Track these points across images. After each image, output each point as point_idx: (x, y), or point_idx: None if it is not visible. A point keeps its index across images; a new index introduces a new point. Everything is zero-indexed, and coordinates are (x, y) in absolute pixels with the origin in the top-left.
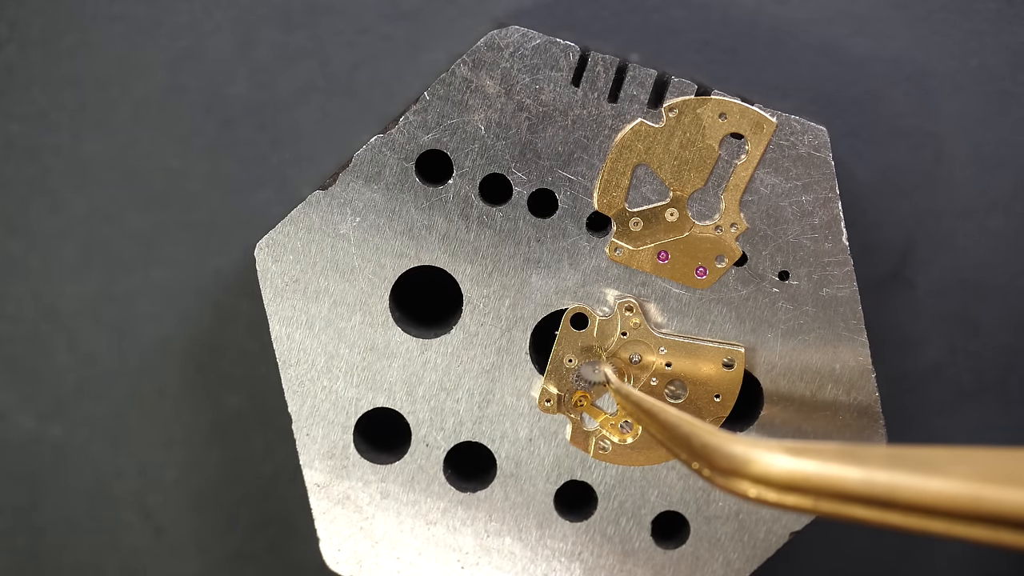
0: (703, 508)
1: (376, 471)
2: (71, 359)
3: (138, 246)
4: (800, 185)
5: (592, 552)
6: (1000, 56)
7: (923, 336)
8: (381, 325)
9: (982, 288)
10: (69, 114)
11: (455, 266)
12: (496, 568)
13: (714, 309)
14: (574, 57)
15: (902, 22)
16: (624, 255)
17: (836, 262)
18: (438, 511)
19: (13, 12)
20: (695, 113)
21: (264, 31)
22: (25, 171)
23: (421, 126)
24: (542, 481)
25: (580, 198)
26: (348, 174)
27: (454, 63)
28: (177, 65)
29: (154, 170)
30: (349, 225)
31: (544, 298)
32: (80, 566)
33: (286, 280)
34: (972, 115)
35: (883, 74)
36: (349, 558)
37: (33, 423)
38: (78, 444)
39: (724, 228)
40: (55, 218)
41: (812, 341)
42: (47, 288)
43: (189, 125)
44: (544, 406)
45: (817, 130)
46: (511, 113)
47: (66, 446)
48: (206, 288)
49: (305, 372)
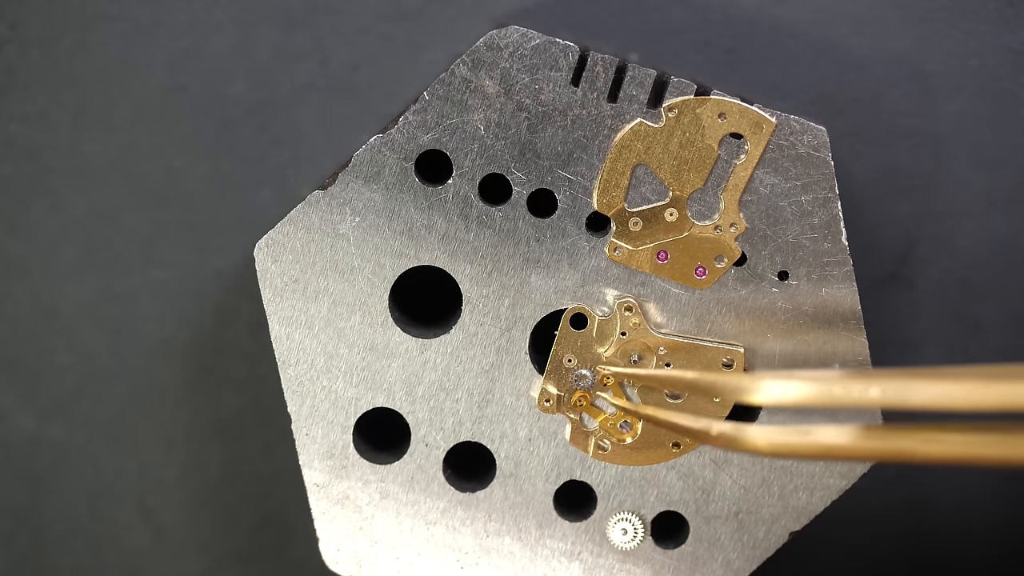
0: (703, 508)
1: (375, 471)
2: (71, 359)
3: (138, 246)
4: (800, 185)
5: (592, 552)
6: (1000, 56)
7: (923, 336)
8: (381, 325)
9: (982, 288)
10: (69, 114)
11: (455, 266)
12: (496, 568)
13: (713, 309)
14: (573, 57)
15: (902, 22)
16: (623, 255)
17: (836, 262)
18: (438, 511)
19: (13, 12)
20: (694, 113)
21: (264, 31)
22: (25, 171)
23: (421, 126)
24: (541, 481)
25: (579, 198)
26: (348, 174)
27: (454, 63)
28: (177, 65)
29: (154, 170)
30: (348, 225)
31: (544, 298)
32: (80, 566)
33: (286, 280)
34: (972, 115)
35: (883, 74)
36: (348, 558)
37: (33, 423)
38: (78, 444)
39: (723, 228)
40: (55, 218)
41: (812, 341)
42: (47, 288)
43: (189, 125)
44: (543, 406)
45: (817, 130)
46: (510, 113)
47: (66, 446)
48: (206, 288)
49: (305, 372)
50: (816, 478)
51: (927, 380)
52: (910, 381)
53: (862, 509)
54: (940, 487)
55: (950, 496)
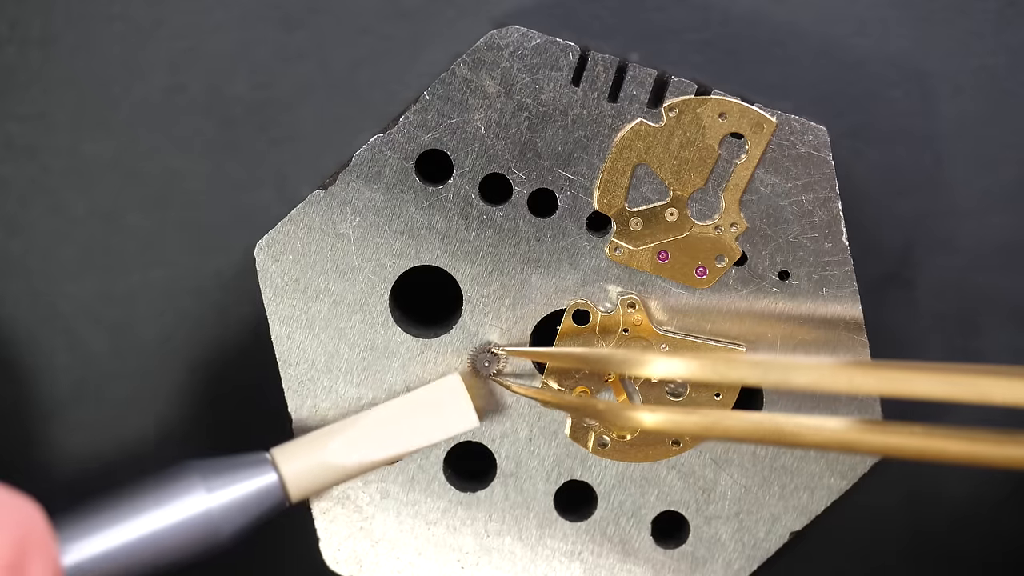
0: (703, 508)
1: (376, 471)
2: (71, 359)
3: (138, 246)
4: (800, 185)
5: (592, 552)
6: (1000, 56)
7: (923, 336)
8: (381, 325)
9: (982, 288)
10: (69, 114)
11: (455, 266)
12: (496, 568)
13: (714, 308)
14: (574, 57)
15: (902, 22)
16: (624, 255)
17: (836, 262)
18: (438, 511)
19: (13, 12)
20: (695, 113)
21: (264, 31)
22: (25, 171)
23: (421, 126)
24: (542, 481)
25: (580, 198)
26: (348, 174)
27: (454, 63)
28: (177, 65)
29: (154, 170)
30: (349, 225)
31: (544, 297)
32: None
33: (286, 280)
34: (972, 115)
35: (883, 74)
36: (349, 558)
37: (33, 423)
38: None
39: (724, 228)
40: (55, 218)
41: (812, 341)
42: (47, 288)
43: (189, 125)
44: (544, 404)
45: (817, 130)
46: (511, 113)
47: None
48: (206, 288)
49: (305, 372)
50: (816, 478)
51: (803, 366)
52: (790, 366)
53: (862, 509)
54: (941, 487)
55: (951, 496)
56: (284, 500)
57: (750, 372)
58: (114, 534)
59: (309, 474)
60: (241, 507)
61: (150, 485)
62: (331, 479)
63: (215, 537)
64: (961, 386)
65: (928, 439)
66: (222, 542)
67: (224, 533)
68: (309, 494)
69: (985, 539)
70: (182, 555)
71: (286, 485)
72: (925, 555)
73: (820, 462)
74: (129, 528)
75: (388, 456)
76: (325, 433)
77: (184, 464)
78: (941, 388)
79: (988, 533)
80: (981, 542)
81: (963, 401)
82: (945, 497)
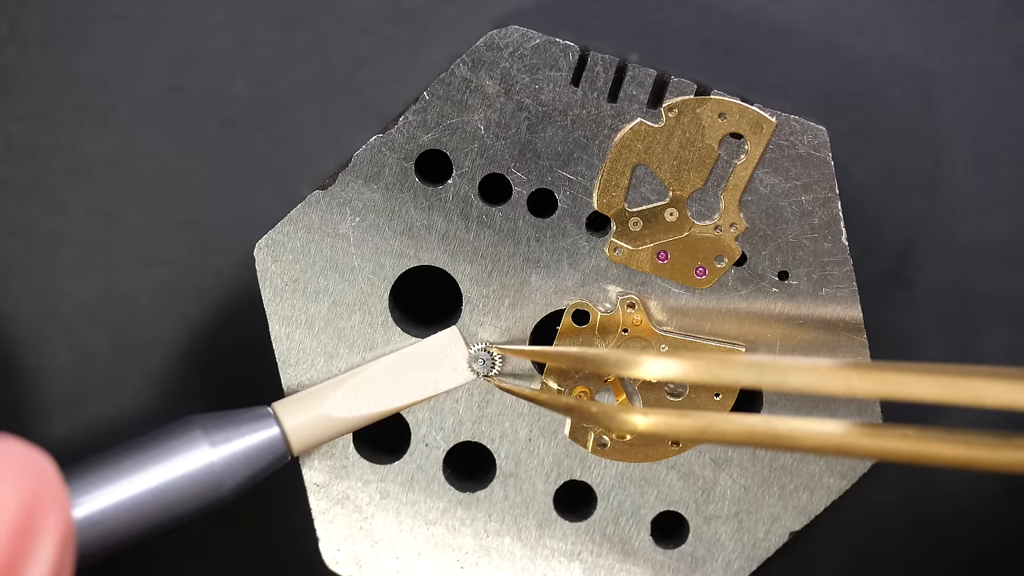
0: (702, 508)
1: (375, 471)
2: (71, 359)
3: (138, 246)
4: (800, 185)
5: (592, 552)
6: (1000, 56)
7: (923, 336)
8: (381, 325)
9: (982, 288)
10: (69, 114)
11: (454, 266)
12: (496, 568)
13: (713, 309)
14: (574, 57)
15: (902, 22)
16: (623, 255)
17: (836, 262)
18: (437, 511)
19: (13, 12)
20: (694, 113)
21: (264, 31)
22: (25, 171)
23: (421, 126)
24: (541, 481)
25: (579, 198)
26: (348, 174)
27: (454, 63)
28: (177, 65)
29: (154, 170)
30: (348, 225)
31: (543, 298)
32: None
33: (285, 280)
34: (972, 115)
35: (883, 74)
36: (348, 558)
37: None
38: (78, 445)
39: (723, 228)
40: (55, 218)
41: (811, 341)
42: (47, 288)
43: (189, 125)
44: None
45: (817, 130)
46: (511, 113)
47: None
48: (206, 288)
49: (305, 372)
50: (816, 478)
51: (799, 368)
52: (785, 368)
53: (862, 509)
54: (942, 488)
55: (951, 496)
56: (286, 454)
57: (745, 373)
58: (121, 488)
59: (310, 427)
60: (243, 460)
61: (153, 439)
62: (332, 432)
63: (217, 491)
64: (955, 389)
65: (922, 443)
66: (224, 496)
67: (226, 487)
68: (310, 447)
69: (985, 539)
70: (185, 509)
71: (288, 438)
72: (925, 555)
73: (820, 462)
74: (135, 482)
75: (389, 408)
76: (326, 387)
77: (187, 419)
78: (936, 391)
79: (988, 533)
80: (981, 542)
81: (957, 404)
82: (944, 497)
